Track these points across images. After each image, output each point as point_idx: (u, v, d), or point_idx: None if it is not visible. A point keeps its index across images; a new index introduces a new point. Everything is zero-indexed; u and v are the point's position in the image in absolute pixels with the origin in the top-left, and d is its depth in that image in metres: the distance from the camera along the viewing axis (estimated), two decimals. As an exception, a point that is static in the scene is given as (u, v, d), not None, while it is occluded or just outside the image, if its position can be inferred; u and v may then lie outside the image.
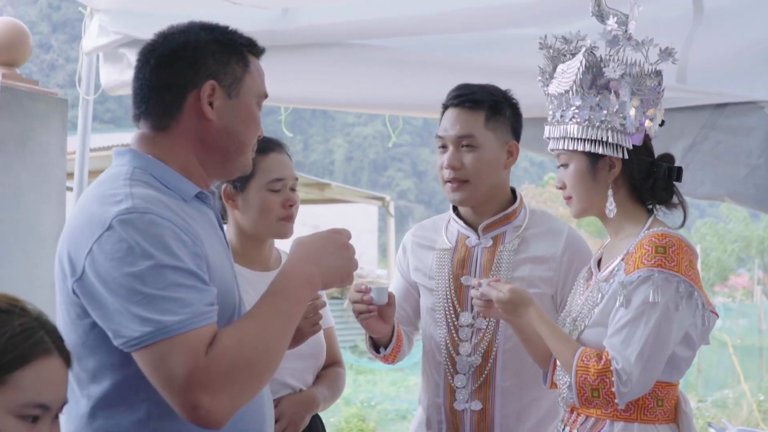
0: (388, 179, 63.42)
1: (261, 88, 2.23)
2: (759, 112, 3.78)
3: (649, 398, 2.57)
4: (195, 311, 1.87)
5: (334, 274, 2.15)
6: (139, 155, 2.12)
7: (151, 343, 1.84)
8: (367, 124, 63.04)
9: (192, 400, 1.83)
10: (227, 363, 1.87)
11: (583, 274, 2.85)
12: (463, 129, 3.05)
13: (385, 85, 4.28)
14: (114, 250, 1.89)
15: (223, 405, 1.87)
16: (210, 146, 2.15)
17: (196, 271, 1.93)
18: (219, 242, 2.18)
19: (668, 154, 2.73)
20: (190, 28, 2.19)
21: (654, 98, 2.61)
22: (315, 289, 2.12)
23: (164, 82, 2.12)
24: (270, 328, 1.98)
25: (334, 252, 2.16)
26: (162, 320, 1.84)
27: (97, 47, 4.67)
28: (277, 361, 2.00)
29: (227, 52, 2.16)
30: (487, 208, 3.13)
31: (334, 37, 4.21)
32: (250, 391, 1.95)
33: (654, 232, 2.58)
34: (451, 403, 3.08)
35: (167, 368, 1.84)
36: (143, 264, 1.87)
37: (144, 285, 1.86)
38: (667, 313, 2.47)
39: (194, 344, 1.85)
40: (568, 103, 2.61)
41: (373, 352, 3.13)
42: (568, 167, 2.67)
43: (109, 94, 4.83)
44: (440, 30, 4.17)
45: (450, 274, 3.12)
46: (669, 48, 2.59)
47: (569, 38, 2.67)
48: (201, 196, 2.17)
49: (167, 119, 2.12)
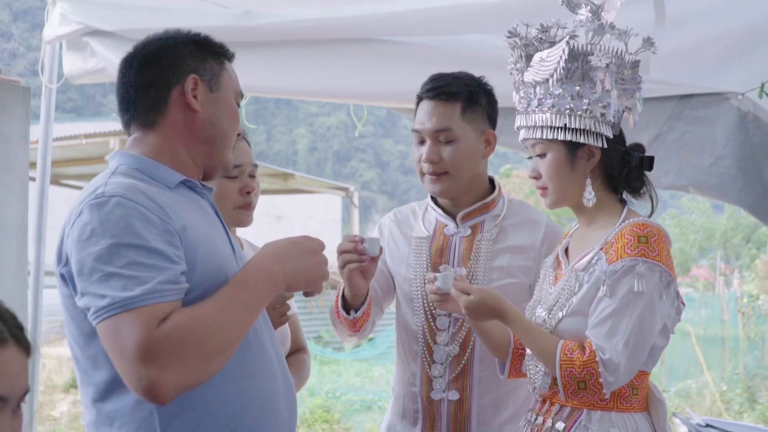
0: (351, 170, 63.39)
1: (237, 87, 2.36)
2: (725, 103, 3.80)
3: (626, 387, 2.57)
4: (150, 288, 1.92)
5: (299, 276, 2.20)
6: (126, 155, 2.24)
7: (107, 317, 1.91)
8: (330, 114, 62.96)
9: (139, 372, 1.88)
10: (177, 338, 1.92)
11: (550, 263, 2.84)
12: (440, 122, 3.01)
13: (349, 75, 4.25)
14: (80, 233, 2.00)
15: (170, 380, 1.90)
16: (197, 137, 2.26)
17: (160, 249, 1.99)
18: (211, 226, 2.25)
19: (639, 144, 2.74)
20: (166, 34, 2.32)
21: (634, 88, 2.61)
22: (277, 287, 2.16)
23: (148, 81, 2.24)
24: (225, 313, 2.02)
25: (301, 255, 2.22)
26: (116, 295, 1.91)
27: (59, 36, 4.62)
28: (230, 346, 2.03)
29: (203, 50, 2.30)
30: (465, 198, 3.11)
31: (295, 35, 4.19)
32: (199, 372, 1.97)
33: (635, 221, 2.58)
34: (428, 392, 3.06)
35: (119, 340, 1.90)
36: (103, 243, 1.96)
37: (103, 263, 1.94)
38: (651, 302, 2.48)
39: (145, 319, 1.90)
40: (546, 92, 2.58)
41: (341, 315, 3.02)
42: (545, 157, 2.66)
43: (72, 83, 4.78)
44: (397, 32, 4.15)
45: (428, 262, 3.10)
46: (650, 38, 2.58)
47: (546, 26, 2.65)
48: (189, 184, 2.26)
49: (154, 115, 2.24)
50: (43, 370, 11.87)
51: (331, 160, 63.83)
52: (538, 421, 2.68)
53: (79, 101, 57.06)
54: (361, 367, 14.50)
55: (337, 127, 63.08)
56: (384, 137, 67.55)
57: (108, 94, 59.68)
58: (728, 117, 3.79)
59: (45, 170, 4.90)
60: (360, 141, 63.52)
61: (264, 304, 2.16)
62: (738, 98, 3.79)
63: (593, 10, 2.59)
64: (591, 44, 2.55)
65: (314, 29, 4.13)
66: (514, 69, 2.70)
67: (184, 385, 1.95)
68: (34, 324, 4.74)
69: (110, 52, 4.42)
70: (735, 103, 3.79)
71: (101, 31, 4.46)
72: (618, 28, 2.56)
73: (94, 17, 4.45)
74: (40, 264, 4.86)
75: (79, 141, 14.21)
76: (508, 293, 2.81)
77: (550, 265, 2.83)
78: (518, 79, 2.69)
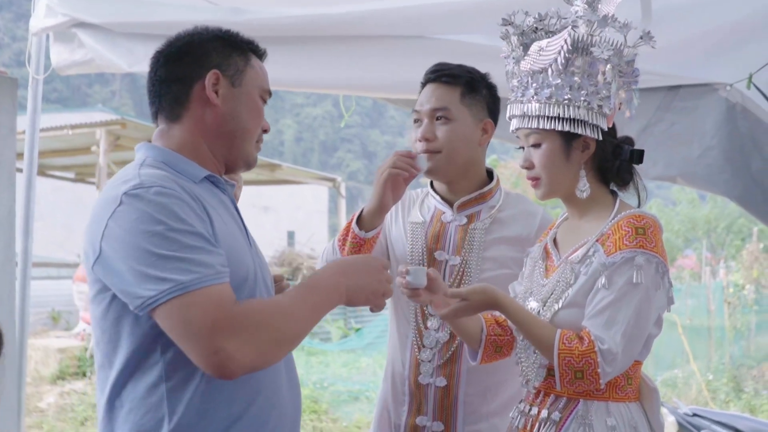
0: (338, 160, 63.38)
1: (264, 84, 2.42)
2: (713, 94, 3.81)
3: (621, 377, 2.58)
4: (210, 270, 2.01)
5: (360, 292, 2.28)
6: (152, 147, 2.30)
7: (169, 299, 1.97)
8: (316, 104, 62.93)
9: (215, 345, 1.95)
10: (255, 319, 2.03)
11: (538, 254, 2.83)
12: (438, 102, 3.08)
13: (337, 66, 4.25)
14: (126, 220, 2.04)
15: (244, 357, 1.99)
16: (217, 131, 2.31)
17: (205, 234, 2.07)
18: (233, 221, 2.31)
19: (629, 137, 2.74)
20: (194, 31, 2.38)
21: (631, 81, 2.61)
22: (340, 298, 2.25)
23: (173, 75, 2.31)
24: (297, 309, 2.14)
25: (365, 272, 2.30)
26: (176, 278, 1.97)
27: (45, 27, 4.61)
28: (297, 338, 2.15)
29: (228, 46, 2.36)
30: (462, 185, 3.16)
31: (283, 31, 4.18)
32: (269, 355, 2.08)
33: (631, 213, 2.58)
34: (416, 376, 3.10)
35: (190, 318, 1.96)
36: (154, 228, 2.01)
37: (157, 247, 1.99)
38: (647, 293, 2.49)
39: (216, 297, 1.99)
40: (544, 82, 2.58)
41: (353, 231, 3.04)
42: (539, 147, 2.65)
43: (60, 74, 4.77)
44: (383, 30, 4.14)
45: (424, 247, 3.14)
46: (650, 32, 2.58)
47: (543, 15, 2.64)
48: (212, 179, 2.32)
49: (178, 109, 2.30)
50: (30, 362, 11.84)
51: (317, 150, 63.81)
52: (533, 411, 2.68)
53: (64, 92, 56.85)
54: (349, 357, 14.48)
55: (323, 118, 63.04)
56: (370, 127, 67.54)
57: (94, 84, 59.52)
58: (716, 108, 3.80)
59: (32, 161, 4.89)
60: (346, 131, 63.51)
61: (326, 312, 2.22)
62: (726, 89, 3.80)
63: (589, 2, 2.58)
64: (592, 36, 2.54)
65: (301, 26, 4.13)
66: (510, 57, 2.68)
67: (254, 365, 2.04)
68: (21, 315, 4.74)
69: (98, 43, 4.42)
70: (723, 94, 3.81)
71: (86, 23, 4.45)
72: (619, 21, 2.55)
73: (80, 9, 4.44)
74: (28, 255, 4.85)
75: (65, 132, 14.16)
76: (500, 284, 2.83)
77: (539, 256, 2.82)
78: (513, 67, 2.68)
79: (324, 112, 62.87)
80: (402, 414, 3.14)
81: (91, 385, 11.34)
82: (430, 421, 3.08)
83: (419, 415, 3.10)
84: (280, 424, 2.26)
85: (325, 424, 10.10)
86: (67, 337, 13.70)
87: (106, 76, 56.10)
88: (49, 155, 15.33)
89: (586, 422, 2.56)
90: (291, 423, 2.32)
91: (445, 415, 3.07)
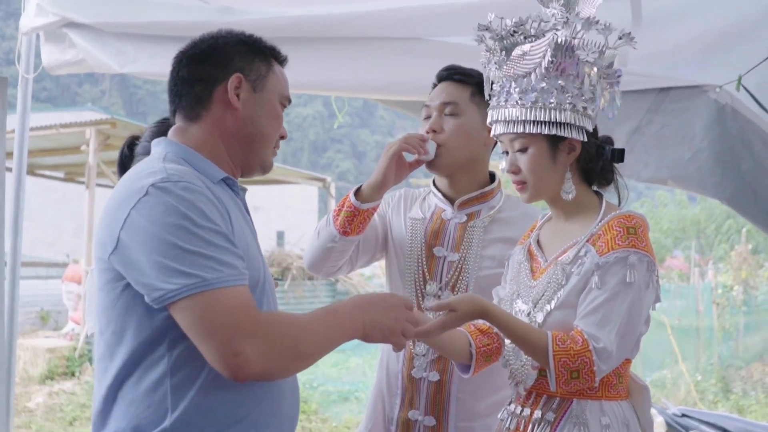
0: (328, 160, 63.41)
1: (284, 91, 2.44)
2: (703, 95, 3.82)
3: (613, 375, 2.59)
4: (233, 271, 2.03)
5: (377, 328, 2.27)
6: (172, 143, 2.31)
7: (191, 294, 1.97)
8: (306, 105, 62.87)
9: (236, 347, 1.96)
10: (277, 328, 2.05)
11: (523, 256, 2.83)
12: (449, 97, 3.14)
13: (329, 67, 4.24)
14: (151, 212, 2.04)
15: (263, 360, 2.00)
16: (235, 135, 2.33)
17: (228, 235, 2.09)
18: (246, 224, 2.31)
19: (609, 136, 2.75)
20: (218, 33, 2.40)
21: (614, 81, 2.61)
22: (356, 331, 2.24)
23: (195, 76, 2.32)
24: (316, 327, 2.14)
25: (383, 310, 2.29)
26: (201, 275, 1.98)
27: (35, 27, 4.60)
28: (313, 356, 2.14)
29: (252, 51, 2.38)
30: (463, 183, 3.20)
31: (274, 32, 4.17)
32: (284, 366, 2.10)
33: (621, 213, 2.60)
34: (409, 370, 3.12)
35: (213, 317, 1.97)
36: (180, 222, 2.02)
37: (183, 241, 2.00)
38: (639, 292, 2.50)
39: (242, 298, 2.02)
40: (528, 86, 2.58)
41: (350, 200, 3.07)
42: (525, 151, 2.66)
43: (51, 74, 4.76)
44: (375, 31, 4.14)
45: (423, 242, 3.18)
46: (630, 33, 2.58)
47: (522, 20, 2.64)
48: (228, 182, 2.32)
49: (198, 109, 2.32)
50: (19, 362, 11.82)
51: (307, 150, 63.79)
52: (525, 413, 2.68)
53: (54, 91, 56.75)
54: (338, 357, 14.47)
55: (313, 118, 63.03)
56: (360, 128, 67.57)
57: (83, 83, 59.41)
58: (706, 109, 3.81)
59: (21, 161, 4.88)
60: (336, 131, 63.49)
61: (342, 341, 2.22)
62: (716, 91, 3.81)
63: (566, 4, 2.58)
64: (575, 38, 2.55)
65: (293, 26, 4.12)
66: (491, 62, 2.68)
67: (268, 373, 2.07)
68: (10, 315, 4.72)
69: (89, 43, 4.41)
70: (713, 96, 3.81)
71: (77, 23, 4.44)
72: (601, 23, 2.56)
73: (71, 9, 4.42)
74: (17, 255, 4.84)
75: (55, 131, 14.13)
76: (497, 282, 2.91)
77: (524, 258, 2.81)
78: (494, 72, 2.67)
79: (314, 112, 62.85)
80: (395, 407, 3.16)
81: (80, 385, 11.32)
82: (422, 415, 3.09)
83: (411, 409, 3.11)
84: (280, 428, 2.27)
85: (314, 424, 10.11)
86: (56, 337, 13.68)
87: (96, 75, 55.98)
88: (38, 154, 15.30)
89: (581, 421, 2.56)
90: (290, 427, 2.34)
91: (438, 410, 3.08)
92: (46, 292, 15.56)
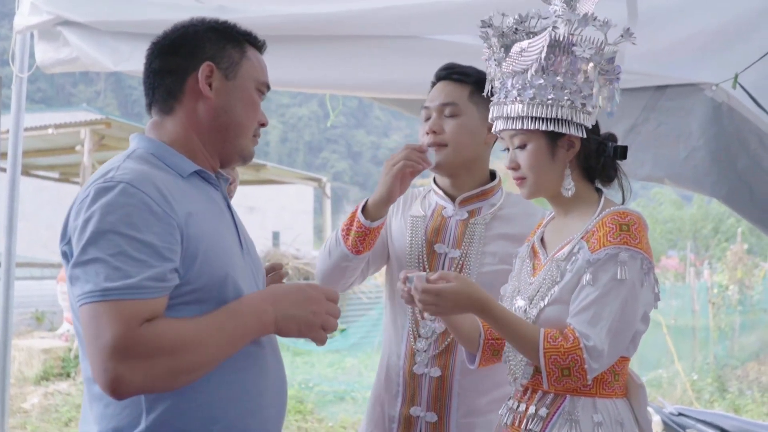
0: (323, 160, 63.46)
1: (261, 77, 2.38)
2: (699, 93, 3.82)
3: (608, 373, 2.58)
4: (133, 284, 1.94)
5: (290, 322, 2.18)
6: (144, 138, 2.28)
7: (88, 302, 1.93)
8: (302, 105, 63.00)
9: (107, 364, 1.90)
10: (154, 345, 1.94)
11: (526, 253, 2.83)
12: (448, 97, 3.15)
13: (325, 65, 4.24)
14: (80, 215, 2.02)
15: (134, 381, 1.92)
16: (209, 125, 2.28)
17: (153, 244, 2.00)
18: (220, 220, 2.25)
19: (612, 133, 2.74)
20: (189, 22, 2.37)
21: (613, 78, 2.61)
22: (266, 328, 2.16)
23: (167, 67, 2.29)
24: (206, 337, 2.03)
25: (298, 302, 2.20)
26: (99, 283, 1.93)
27: (29, 26, 4.59)
28: (199, 369, 2.04)
29: (223, 38, 2.33)
30: (465, 181, 3.21)
31: (269, 31, 4.16)
32: (162, 383, 1.99)
33: (615, 210, 2.59)
34: (411, 366, 3.12)
35: (96, 329, 1.92)
36: (99, 228, 1.97)
37: (94, 247, 1.96)
38: (633, 289, 2.49)
39: (127, 315, 1.91)
40: (527, 83, 2.57)
41: (359, 220, 3.05)
42: (524, 148, 2.65)
43: (45, 72, 4.74)
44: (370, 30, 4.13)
45: (423, 240, 3.18)
46: (629, 29, 2.58)
47: (524, 17, 2.63)
48: (203, 174, 2.28)
49: (171, 101, 2.28)
50: (14, 363, 11.80)
51: (302, 150, 63.85)
52: (521, 408, 2.68)
53: (48, 91, 56.72)
54: (334, 358, 14.49)
55: (308, 118, 63.10)
56: (356, 128, 67.63)
57: (78, 83, 59.37)
58: (703, 108, 3.81)
59: (16, 161, 4.86)
60: (332, 132, 63.58)
61: (248, 340, 2.14)
62: (712, 89, 3.81)
63: (567, 1, 2.58)
64: (573, 35, 2.54)
65: (288, 25, 4.11)
66: (491, 59, 2.68)
67: (145, 389, 1.98)
68: (5, 316, 4.72)
69: (83, 41, 4.39)
70: (709, 94, 3.81)
71: (72, 22, 4.43)
72: (599, 20, 2.55)
73: (65, 8, 4.41)
74: (12, 255, 4.83)
75: (50, 131, 14.12)
76: (499, 279, 2.90)
77: (527, 255, 2.82)
78: (495, 69, 2.68)
79: (310, 113, 62.92)
80: (396, 405, 3.15)
81: (75, 386, 11.30)
82: (423, 411, 3.09)
83: (413, 406, 3.11)
84: (262, 428, 2.23)
85: (310, 424, 10.10)
86: (51, 337, 13.65)
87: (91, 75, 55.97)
88: (33, 155, 15.28)
89: (573, 418, 2.55)
90: (274, 426, 2.29)
91: (440, 406, 3.08)
92: (41, 293, 15.53)
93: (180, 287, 2.05)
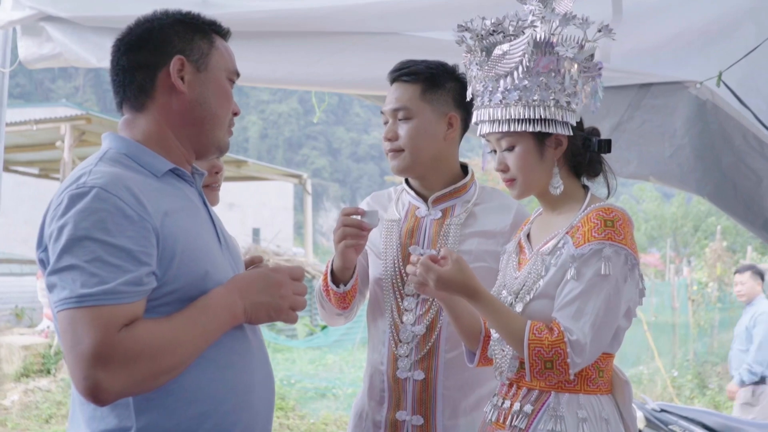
0: (303, 157, 63.37)
1: (230, 65, 2.34)
2: (683, 91, 3.84)
3: (592, 369, 2.59)
4: (110, 289, 1.92)
5: (260, 310, 2.20)
6: (116, 137, 2.24)
7: (65, 308, 1.91)
8: (282, 101, 62.87)
9: (87, 371, 1.88)
10: (133, 350, 1.93)
11: (512, 248, 2.84)
12: (398, 102, 3.10)
13: (308, 62, 4.23)
14: (54, 222, 2.00)
15: (114, 386, 1.91)
16: (184, 119, 2.25)
17: (128, 249, 1.97)
18: (195, 218, 2.23)
19: (595, 128, 2.75)
20: (153, 15, 2.31)
21: (596, 74, 2.61)
22: (236, 319, 2.16)
23: (135, 64, 2.24)
24: (182, 336, 2.03)
25: (263, 289, 2.21)
26: (75, 289, 1.91)
27: (12, 21, 4.55)
28: (178, 367, 2.04)
29: (190, 30, 2.29)
30: (435, 181, 3.18)
31: (253, 26, 4.16)
32: (143, 385, 1.98)
33: (601, 206, 2.60)
34: (394, 371, 3.10)
35: (74, 335, 1.90)
36: (73, 234, 1.95)
37: (69, 254, 1.94)
38: (616, 285, 2.50)
39: (104, 320, 1.90)
40: (511, 85, 2.57)
41: (331, 289, 3.08)
42: (512, 150, 2.65)
43: (28, 68, 4.71)
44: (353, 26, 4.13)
45: (398, 243, 3.16)
46: (608, 25, 2.58)
47: (500, 19, 2.63)
48: (177, 172, 2.24)
49: (143, 98, 2.24)
50: (-7, 359, 11.77)
51: (282, 147, 63.74)
52: (505, 404, 2.68)
53: (27, 86, 56.43)
54: (315, 354, 14.49)
55: (288, 114, 63.00)
56: (336, 125, 67.59)
57: (57, 79, 59.09)
58: (687, 105, 3.83)
59: (-3, 156, 4.83)
60: (311, 128, 63.51)
61: (221, 332, 2.13)
62: (696, 87, 3.83)
63: (542, 0, 2.58)
64: (554, 35, 2.54)
65: (270, 20, 4.10)
66: (472, 63, 2.67)
67: (126, 393, 1.97)
68: (-13, 312, 4.68)
69: (66, 37, 4.37)
70: (693, 92, 3.84)
71: (55, 17, 4.40)
72: (579, 18, 2.55)
73: (48, 3, 4.37)
74: (-7, 252, 4.80)
75: (30, 127, 14.04)
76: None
77: (513, 250, 2.83)
78: (476, 72, 2.67)
79: (290, 109, 62.84)
80: (382, 411, 3.14)
81: (55, 383, 11.27)
82: (409, 415, 3.08)
83: (399, 410, 3.10)
84: (252, 424, 2.22)
85: (292, 420, 10.11)
86: (31, 334, 13.60)
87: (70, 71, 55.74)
88: (13, 150, 15.21)
89: (558, 414, 2.55)
90: (264, 421, 2.29)
91: (425, 409, 3.07)
92: (21, 289, 15.47)
93: (160, 288, 2.04)
